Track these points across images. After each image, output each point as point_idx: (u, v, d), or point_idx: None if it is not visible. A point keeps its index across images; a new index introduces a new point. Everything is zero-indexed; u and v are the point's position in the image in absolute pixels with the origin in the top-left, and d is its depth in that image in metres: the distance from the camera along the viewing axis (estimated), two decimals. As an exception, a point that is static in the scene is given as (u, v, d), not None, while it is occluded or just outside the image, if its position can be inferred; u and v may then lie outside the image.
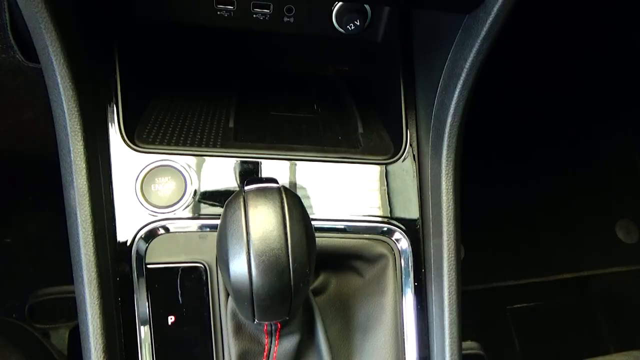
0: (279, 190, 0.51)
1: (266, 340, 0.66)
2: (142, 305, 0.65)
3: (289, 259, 0.48)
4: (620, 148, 1.92)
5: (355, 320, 0.73)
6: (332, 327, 0.72)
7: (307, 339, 0.69)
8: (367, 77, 0.97)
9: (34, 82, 0.89)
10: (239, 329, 0.65)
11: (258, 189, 0.51)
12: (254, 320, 0.58)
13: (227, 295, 0.66)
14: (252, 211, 0.49)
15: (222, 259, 0.50)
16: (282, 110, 0.88)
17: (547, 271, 1.80)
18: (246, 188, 0.51)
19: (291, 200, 0.51)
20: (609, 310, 1.74)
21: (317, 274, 0.75)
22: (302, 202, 0.52)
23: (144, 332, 0.65)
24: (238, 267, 0.49)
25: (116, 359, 0.62)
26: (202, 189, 0.69)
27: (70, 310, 1.19)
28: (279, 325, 0.63)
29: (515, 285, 1.77)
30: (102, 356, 0.60)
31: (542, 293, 1.77)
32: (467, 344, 1.35)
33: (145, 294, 0.65)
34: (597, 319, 1.74)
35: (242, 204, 0.50)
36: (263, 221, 0.48)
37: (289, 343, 0.66)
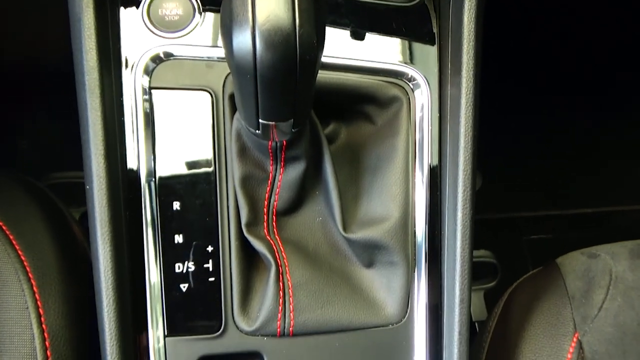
0: None
1: (271, 167, 0.64)
2: (147, 126, 0.63)
3: (295, 23, 0.45)
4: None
5: (364, 163, 0.70)
6: (341, 172, 0.69)
7: (314, 174, 0.67)
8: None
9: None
10: (243, 152, 0.63)
11: None
12: (258, 125, 0.55)
13: (233, 115, 0.64)
14: None
15: (225, 27, 0.48)
16: None
17: (567, 205, 1.75)
18: None
19: None
20: (629, 245, 1.69)
21: (326, 123, 0.72)
22: None
23: (146, 149, 0.63)
24: (241, 31, 0.46)
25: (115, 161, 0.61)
26: (211, 17, 0.67)
27: (81, 196, 1.19)
28: (284, 143, 0.60)
29: (533, 217, 1.72)
30: (101, 153, 0.59)
31: (560, 226, 1.72)
32: (480, 252, 1.32)
33: (148, 115, 0.63)
34: (617, 253, 1.69)
35: None
36: None
37: (294, 171, 0.64)
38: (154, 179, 0.63)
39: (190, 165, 0.64)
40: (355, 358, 0.65)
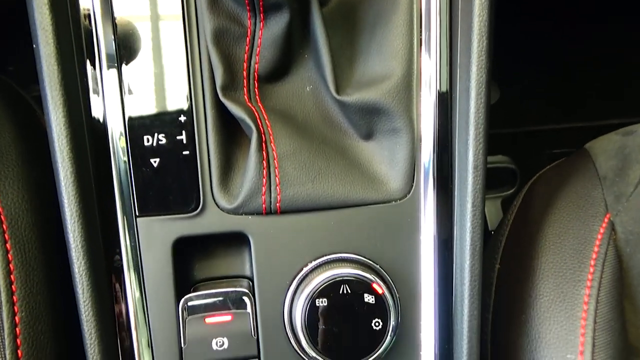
0: None
1: (249, 21, 0.55)
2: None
3: None
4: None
5: (361, 22, 0.60)
6: (335, 35, 0.59)
7: (301, 33, 0.57)
8: None
9: None
10: (214, 2, 0.54)
11: None
12: None
13: None
14: None
15: None
16: None
17: (590, 117, 1.62)
18: None
19: None
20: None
21: (318, -18, 0.62)
22: None
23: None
24: None
25: None
26: None
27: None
28: None
29: (555, 130, 1.61)
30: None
31: (584, 139, 1.61)
32: (497, 157, 1.22)
33: None
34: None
35: None
36: None
37: (277, 25, 0.54)
38: (112, 35, 0.54)
39: (155, 20, 0.54)
40: (353, 238, 0.57)
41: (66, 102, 0.51)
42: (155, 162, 0.55)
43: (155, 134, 0.55)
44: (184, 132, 0.55)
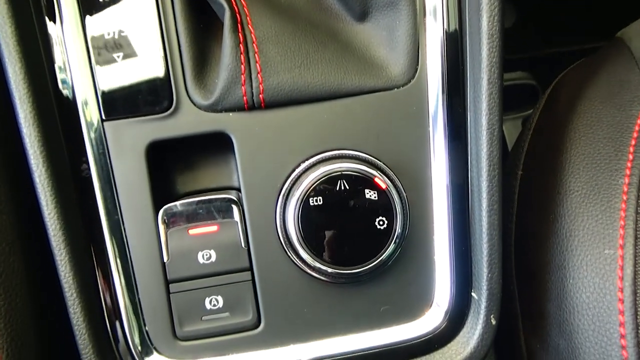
0: None
1: None
2: None
3: None
4: None
5: None
6: None
7: None
8: None
9: None
10: None
11: None
12: None
13: None
14: None
15: None
16: None
17: (612, 36, 1.50)
18: None
19: None
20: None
21: None
22: None
23: None
24: None
25: None
26: None
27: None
28: None
29: (580, 50, 1.49)
30: None
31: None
32: (516, 74, 1.13)
33: None
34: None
35: None
36: None
37: None
38: None
39: None
40: (350, 132, 0.49)
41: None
42: (118, 56, 0.48)
43: (117, 25, 0.48)
44: (148, 20, 0.48)
